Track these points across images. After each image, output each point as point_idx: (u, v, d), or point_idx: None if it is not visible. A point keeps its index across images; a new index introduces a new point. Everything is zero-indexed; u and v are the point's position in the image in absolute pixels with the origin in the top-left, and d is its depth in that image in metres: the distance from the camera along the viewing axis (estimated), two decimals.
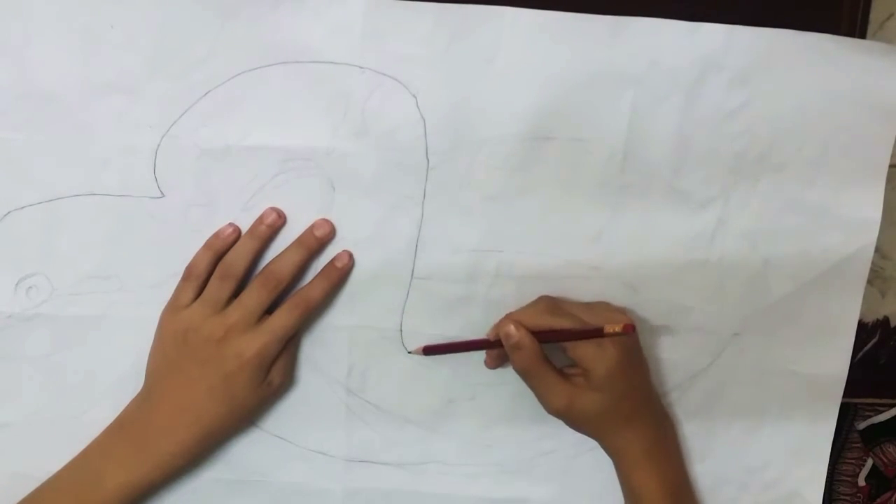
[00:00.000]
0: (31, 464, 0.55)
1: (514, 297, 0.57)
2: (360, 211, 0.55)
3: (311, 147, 0.54)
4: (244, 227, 0.55)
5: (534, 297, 0.56)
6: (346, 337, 0.58)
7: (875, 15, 0.56)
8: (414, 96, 0.53)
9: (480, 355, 0.57)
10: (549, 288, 0.56)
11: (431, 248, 0.56)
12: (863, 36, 0.56)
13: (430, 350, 0.57)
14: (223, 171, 0.54)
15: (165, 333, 0.54)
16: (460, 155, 0.54)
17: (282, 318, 0.53)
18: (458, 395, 0.59)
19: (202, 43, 0.52)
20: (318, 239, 0.55)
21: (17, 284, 0.55)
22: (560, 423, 0.55)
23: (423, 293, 0.57)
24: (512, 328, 0.52)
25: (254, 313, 0.53)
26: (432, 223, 0.56)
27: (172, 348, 0.54)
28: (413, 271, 0.56)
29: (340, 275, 0.56)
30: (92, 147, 0.54)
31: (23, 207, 0.54)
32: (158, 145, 0.54)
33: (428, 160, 0.54)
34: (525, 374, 0.53)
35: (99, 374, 0.57)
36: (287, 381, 0.57)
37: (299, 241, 0.55)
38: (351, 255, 0.56)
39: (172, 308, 0.55)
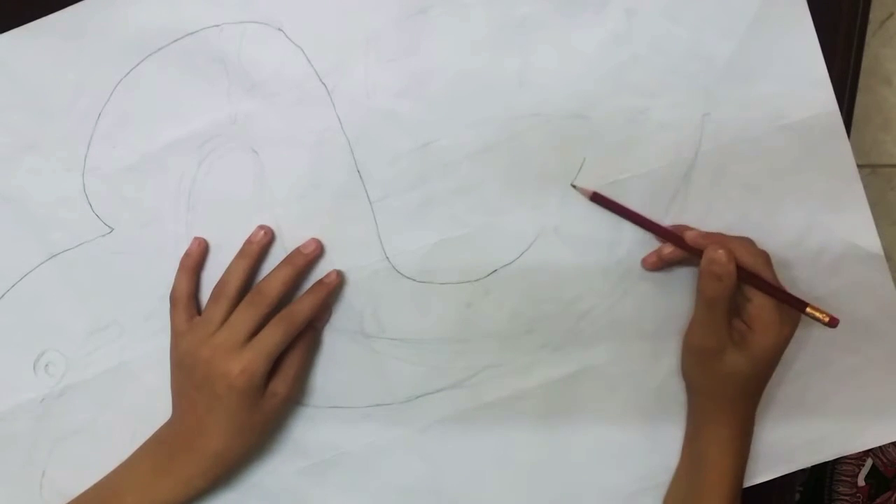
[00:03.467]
0: None
1: (470, 174, 0.55)
2: (289, 162, 0.55)
3: (215, 122, 0.54)
4: (199, 230, 0.56)
5: (492, 165, 0.55)
6: (343, 286, 0.57)
7: (875, 15, 0.55)
8: (279, 30, 0.53)
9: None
10: (497, 149, 0.55)
11: (372, 167, 0.55)
12: (863, 36, 0.55)
13: (597, 198, 0.54)
14: (152, 180, 0.55)
15: (172, 360, 0.56)
16: (352, 65, 0.54)
17: (267, 336, 0.53)
18: (473, 297, 0.57)
19: (68, 70, 0.54)
20: (305, 256, 0.55)
21: (34, 366, 0.58)
22: (586, 279, 0.56)
23: (388, 212, 0.56)
24: (725, 257, 0.50)
25: (240, 332, 0.53)
26: (361, 142, 0.55)
27: (178, 373, 0.55)
28: (368, 196, 0.56)
29: (328, 290, 0.56)
30: (29, 214, 0.56)
31: (2, 296, 0.57)
32: (84, 184, 0.55)
33: (325, 84, 0.54)
34: (706, 303, 0.51)
35: (143, 417, 0.58)
36: (295, 390, 0.57)
37: (287, 260, 0.55)
38: (339, 273, 0.56)
39: (174, 334, 0.56)
